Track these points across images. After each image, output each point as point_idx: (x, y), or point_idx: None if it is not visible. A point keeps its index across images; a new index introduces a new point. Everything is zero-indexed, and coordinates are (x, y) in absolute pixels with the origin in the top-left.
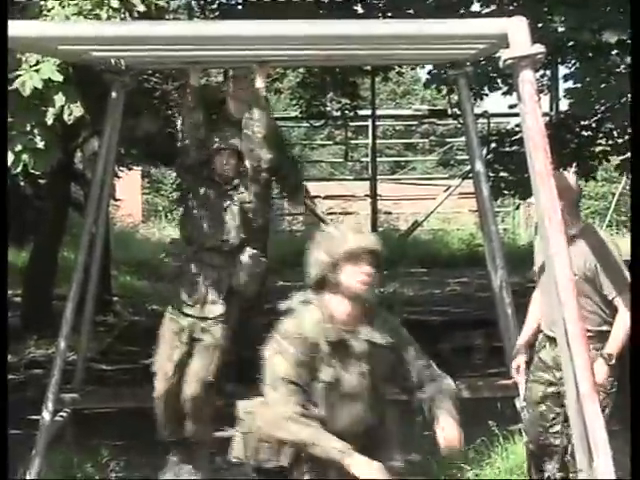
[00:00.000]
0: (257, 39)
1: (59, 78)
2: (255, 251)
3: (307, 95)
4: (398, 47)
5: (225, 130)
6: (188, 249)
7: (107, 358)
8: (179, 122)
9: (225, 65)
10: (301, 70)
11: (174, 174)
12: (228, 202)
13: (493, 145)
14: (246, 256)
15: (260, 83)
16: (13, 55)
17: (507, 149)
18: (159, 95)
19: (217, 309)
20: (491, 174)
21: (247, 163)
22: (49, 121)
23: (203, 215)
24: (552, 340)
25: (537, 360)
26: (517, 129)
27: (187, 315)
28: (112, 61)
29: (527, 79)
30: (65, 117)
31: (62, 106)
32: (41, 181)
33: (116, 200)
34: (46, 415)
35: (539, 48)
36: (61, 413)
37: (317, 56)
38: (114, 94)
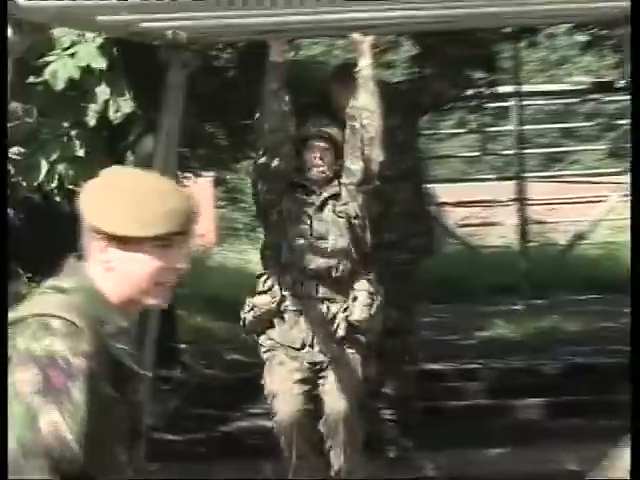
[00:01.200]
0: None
1: (101, 64)
2: (371, 277)
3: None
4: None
5: (321, 116)
6: (283, 280)
7: (175, 426)
8: (258, 112)
9: (315, 34)
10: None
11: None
12: (329, 213)
13: None
14: (363, 282)
15: (366, 59)
16: (38, 35)
17: None
18: (232, 76)
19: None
20: None
21: (351, 165)
22: (91, 121)
23: (299, 232)
24: None
25: None
26: None
27: (295, 359)
28: (169, 34)
29: None
30: (111, 115)
31: (107, 101)
32: None
33: None
34: None
35: None
36: None
37: (435, 17)
38: (172, 77)
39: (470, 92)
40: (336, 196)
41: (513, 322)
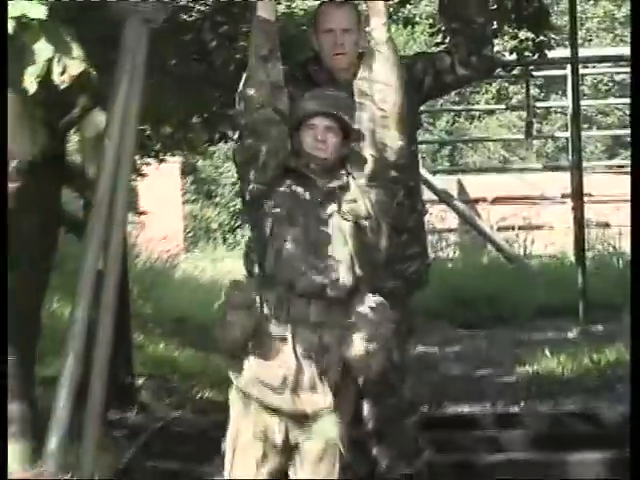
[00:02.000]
0: None
1: (40, 14)
2: (380, 298)
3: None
4: None
5: (323, 90)
6: (265, 295)
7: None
8: (241, 82)
9: None
10: None
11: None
12: (331, 212)
13: None
14: (366, 307)
15: (379, 14)
16: None
17: None
18: (206, 36)
19: (321, 399)
20: None
21: (361, 152)
22: (29, 86)
23: (290, 236)
24: None
25: None
26: None
27: (274, 410)
28: None
29: None
30: (55, 78)
31: (49, 60)
32: (12, 185)
33: (139, 214)
34: None
35: None
36: None
37: None
38: (131, 35)
39: (512, 57)
40: (342, 190)
41: (565, 353)
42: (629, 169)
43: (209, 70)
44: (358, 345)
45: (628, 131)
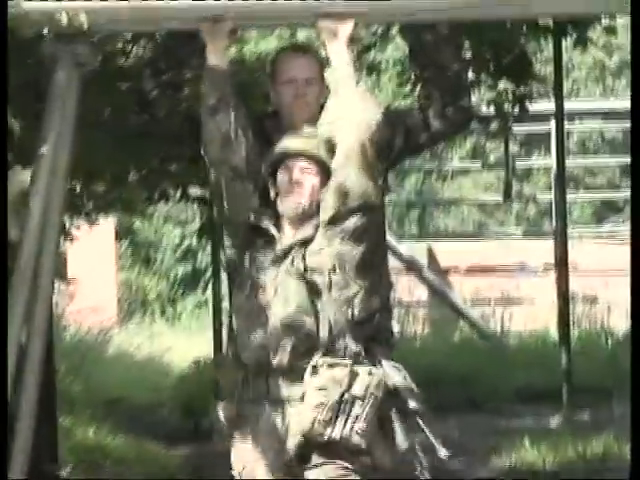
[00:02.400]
0: None
1: None
2: (347, 368)
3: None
4: None
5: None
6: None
7: None
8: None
9: (270, 22)
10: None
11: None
12: (290, 267)
13: None
14: (326, 378)
15: (342, 54)
16: None
17: None
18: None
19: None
20: None
21: (324, 196)
22: None
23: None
24: None
25: None
26: None
27: None
28: (63, 17)
29: None
30: None
31: None
32: None
33: (68, 282)
34: None
35: None
36: None
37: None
38: (61, 80)
39: (489, 111)
40: (310, 242)
41: (547, 443)
42: (620, 237)
43: (150, 122)
44: (315, 419)
45: (618, 194)
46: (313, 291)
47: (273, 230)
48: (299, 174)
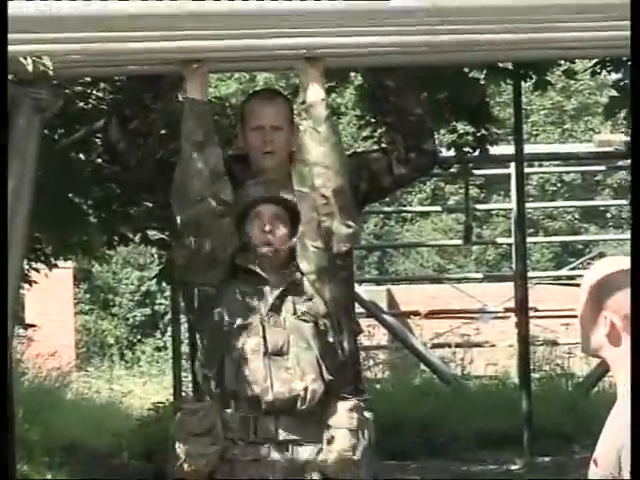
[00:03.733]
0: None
1: None
2: (353, 400)
3: None
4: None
5: (264, 179)
6: (226, 415)
7: None
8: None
9: (246, 67)
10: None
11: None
12: (287, 315)
13: None
14: (340, 417)
15: (317, 89)
16: None
17: None
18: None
19: None
20: None
21: (305, 246)
22: None
23: (248, 346)
24: None
25: None
26: None
27: None
28: (26, 62)
29: None
30: None
31: None
32: None
33: (26, 327)
34: None
35: None
36: None
37: (410, 44)
38: (23, 124)
39: (449, 153)
40: (296, 287)
41: None
42: (579, 280)
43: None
44: (342, 458)
45: (578, 237)
46: (323, 334)
47: (261, 272)
48: (272, 221)
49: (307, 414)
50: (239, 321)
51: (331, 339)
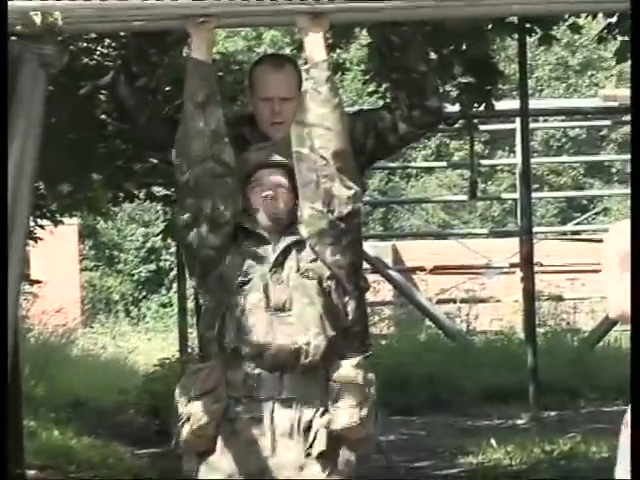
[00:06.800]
0: None
1: None
2: (359, 357)
3: None
4: None
5: (268, 143)
6: (230, 374)
7: None
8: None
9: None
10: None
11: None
12: (290, 273)
13: None
14: (348, 369)
15: (319, 49)
16: None
17: None
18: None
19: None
20: None
21: (304, 211)
22: None
23: (250, 303)
24: None
25: None
26: None
27: None
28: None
29: None
30: None
31: None
32: None
33: (32, 283)
34: None
35: None
36: None
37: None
38: (27, 83)
39: (454, 108)
40: (299, 246)
41: (514, 443)
42: (584, 235)
43: (131, 129)
44: (345, 416)
45: (583, 192)
46: (326, 294)
47: (263, 232)
48: (274, 187)
49: (311, 371)
50: (241, 278)
51: (335, 300)
